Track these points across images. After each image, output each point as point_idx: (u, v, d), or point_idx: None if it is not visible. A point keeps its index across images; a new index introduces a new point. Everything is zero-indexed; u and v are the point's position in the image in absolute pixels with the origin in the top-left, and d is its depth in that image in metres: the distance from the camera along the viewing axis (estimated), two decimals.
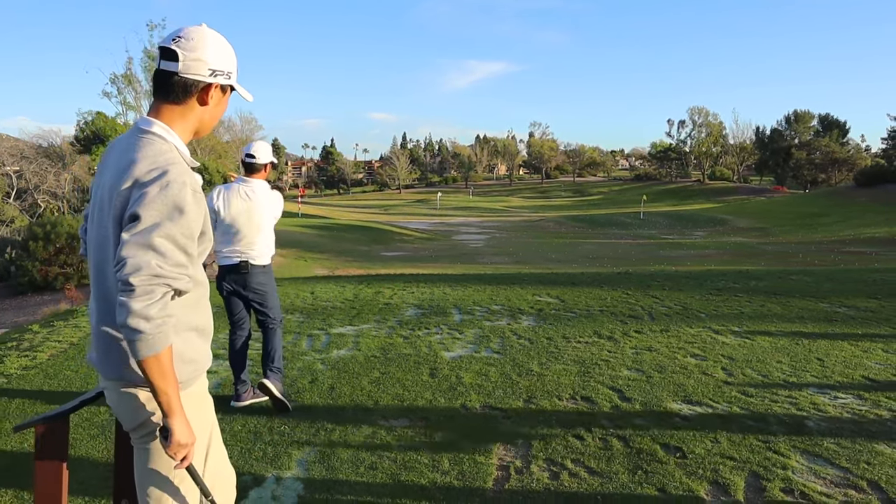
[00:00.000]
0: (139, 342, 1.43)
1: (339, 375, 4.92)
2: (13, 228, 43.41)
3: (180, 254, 1.52)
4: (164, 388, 1.50)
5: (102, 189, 1.65)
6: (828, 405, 4.18)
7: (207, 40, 1.67)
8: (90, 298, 1.78)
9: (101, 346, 1.65)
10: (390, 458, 3.47)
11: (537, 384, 4.63)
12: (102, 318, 1.65)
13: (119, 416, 1.73)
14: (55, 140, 59.44)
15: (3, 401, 4.56)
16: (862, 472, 3.24)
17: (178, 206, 1.52)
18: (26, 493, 3.12)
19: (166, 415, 1.54)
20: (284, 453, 3.55)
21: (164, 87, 1.67)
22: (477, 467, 3.34)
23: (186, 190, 1.54)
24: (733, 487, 3.10)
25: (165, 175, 1.53)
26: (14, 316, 20.76)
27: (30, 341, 6.49)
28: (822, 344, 5.70)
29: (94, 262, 1.67)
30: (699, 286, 8.85)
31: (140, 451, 1.70)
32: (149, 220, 1.49)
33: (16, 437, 3.89)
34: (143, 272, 1.44)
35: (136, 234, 1.47)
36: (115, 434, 2.05)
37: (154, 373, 1.47)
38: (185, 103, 1.68)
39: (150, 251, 1.47)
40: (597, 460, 3.40)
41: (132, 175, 1.55)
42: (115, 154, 1.68)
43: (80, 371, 5.30)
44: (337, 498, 3.07)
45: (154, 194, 1.50)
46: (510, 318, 6.91)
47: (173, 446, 1.56)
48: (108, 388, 1.69)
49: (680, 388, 4.51)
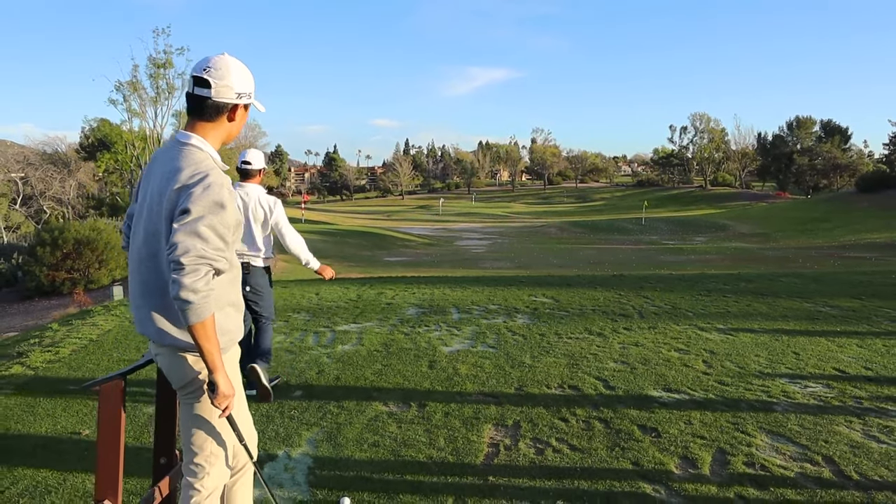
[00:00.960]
0: (189, 311, 1.79)
1: (344, 367, 5.26)
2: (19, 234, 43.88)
3: (219, 240, 1.88)
4: (209, 349, 1.86)
5: (152, 192, 2.01)
6: (797, 393, 4.51)
7: (232, 68, 2.04)
8: (131, 284, 2.13)
9: (155, 318, 2.01)
10: (391, 436, 3.81)
11: (528, 375, 4.97)
12: (154, 295, 2.00)
13: (170, 376, 2.08)
14: (60, 147, 59.99)
15: (33, 390, 4.92)
16: (819, 449, 3.57)
17: (218, 202, 1.89)
18: (47, 472, 3.47)
19: (212, 371, 1.89)
20: (295, 433, 3.89)
21: (198, 109, 2.04)
22: (470, 445, 3.68)
23: (224, 190, 1.90)
24: (701, 461, 3.43)
25: (206, 178, 1.89)
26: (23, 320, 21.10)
27: (51, 338, 6.85)
28: (801, 340, 6.02)
29: (146, 251, 2.02)
30: (690, 288, 9.18)
31: (186, 406, 2.07)
32: (195, 214, 1.85)
33: (47, 419, 4.24)
34: (191, 254, 1.80)
35: (185, 224, 1.84)
36: (157, 401, 2.40)
37: (201, 336, 1.83)
38: (217, 121, 2.06)
39: (197, 238, 1.83)
40: (579, 439, 3.74)
41: (179, 180, 1.91)
42: (160, 163, 2.04)
43: (101, 364, 5.65)
44: (343, 470, 3.41)
45: (199, 193, 1.86)
46: (506, 316, 7.25)
47: (219, 397, 1.92)
48: (160, 354, 2.05)
49: (661, 378, 4.85)
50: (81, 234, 24.92)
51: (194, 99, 2.03)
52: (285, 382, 4.89)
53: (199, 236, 1.84)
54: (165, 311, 1.99)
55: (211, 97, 2.01)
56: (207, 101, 2.01)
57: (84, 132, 56.70)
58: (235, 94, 2.04)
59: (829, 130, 77.53)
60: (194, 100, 2.03)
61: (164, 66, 39.34)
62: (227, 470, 2.18)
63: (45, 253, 24.02)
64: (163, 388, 2.37)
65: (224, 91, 2.02)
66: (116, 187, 55.41)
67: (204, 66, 2.02)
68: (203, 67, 2.01)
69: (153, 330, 2.02)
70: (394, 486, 3.21)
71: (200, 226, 1.85)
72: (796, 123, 79.22)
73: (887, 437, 3.75)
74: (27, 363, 5.76)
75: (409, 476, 3.33)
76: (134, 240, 2.12)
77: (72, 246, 24.66)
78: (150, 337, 2.05)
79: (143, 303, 2.04)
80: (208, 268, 1.84)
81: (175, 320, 1.99)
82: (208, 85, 2.00)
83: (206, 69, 2.01)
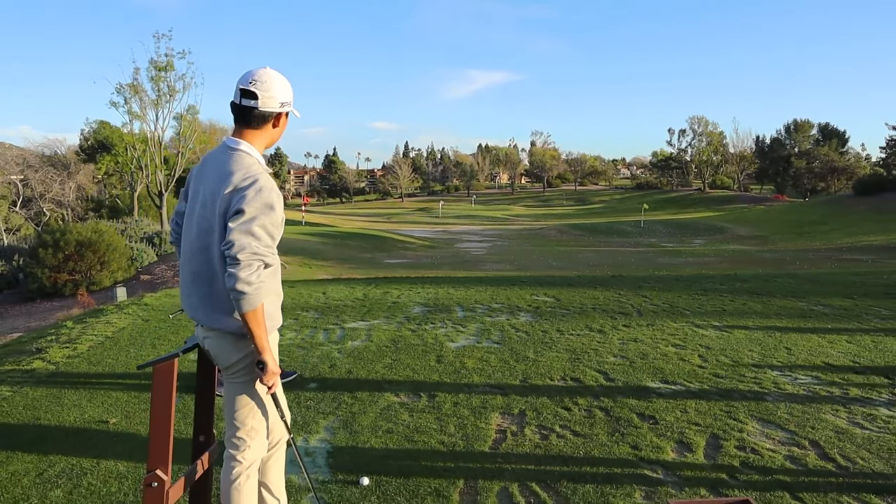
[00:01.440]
0: (244, 301, 2.03)
1: (356, 362, 5.49)
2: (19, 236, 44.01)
3: (269, 238, 2.12)
4: (259, 334, 2.09)
5: (204, 192, 2.24)
6: (787, 384, 4.74)
7: (275, 81, 2.27)
8: (182, 273, 2.36)
9: (205, 304, 2.23)
10: (404, 424, 4.04)
11: (532, 368, 5.20)
12: (204, 284, 2.23)
13: (217, 357, 2.31)
14: (60, 149, 60.07)
15: (56, 383, 5.14)
16: (806, 434, 3.81)
17: (269, 204, 2.12)
18: (80, 456, 3.69)
19: (261, 352, 2.13)
20: (313, 421, 4.12)
21: (245, 118, 2.26)
22: (478, 431, 3.91)
23: (273, 193, 2.14)
24: (695, 445, 3.66)
25: (258, 182, 2.12)
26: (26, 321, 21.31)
27: (67, 335, 7.07)
28: (793, 336, 6.26)
29: (198, 244, 2.24)
30: (687, 287, 9.41)
31: (230, 385, 2.30)
32: (249, 214, 2.08)
33: (74, 409, 4.46)
34: (245, 251, 2.03)
35: (240, 223, 2.06)
36: (197, 384, 2.62)
37: (252, 322, 2.06)
38: (262, 128, 2.28)
39: (250, 236, 2.06)
40: (581, 426, 3.97)
41: (232, 182, 2.14)
42: (211, 166, 2.27)
43: (119, 359, 5.87)
44: (360, 454, 3.63)
45: (251, 196, 2.09)
46: (509, 314, 7.48)
47: (267, 376, 2.16)
48: (208, 337, 2.28)
49: (658, 371, 5.08)
50: (83, 235, 25.13)
51: (241, 109, 2.25)
52: (300, 376, 5.11)
53: (252, 235, 2.06)
54: (213, 298, 2.22)
55: (258, 107, 2.23)
56: (254, 111, 2.23)
57: (84, 134, 56.86)
58: (279, 103, 2.27)
59: (826, 134, 77.95)
60: (241, 110, 2.25)
61: (166, 68, 39.65)
62: (265, 444, 2.41)
63: (47, 255, 24.20)
64: (203, 372, 2.59)
65: (269, 102, 2.24)
66: (116, 189, 55.58)
67: (249, 79, 2.23)
68: (249, 80, 2.23)
69: (202, 315, 2.25)
70: (408, 469, 3.43)
71: (254, 226, 2.07)
72: (794, 127, 79.64)
73: (870, 423, 3.98)
74: (47, 358, 5.98)
75: (423, 459, 3.55)
76: (186, 235, 2.34)
77: (73, 248, 24.86)
78: (199, 321, 2.28)
79: (194, 290, 2.27)
80: (260, 262, 2.07)
81: (222, 306, 2.21)
82: (255, 97, 2.22)
83: (252, 82, 2.22)
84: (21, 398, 4.78)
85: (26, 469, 3.55)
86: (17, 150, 68.85)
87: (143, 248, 28.57)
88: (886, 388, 4.67)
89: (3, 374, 5.51)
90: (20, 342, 7.75)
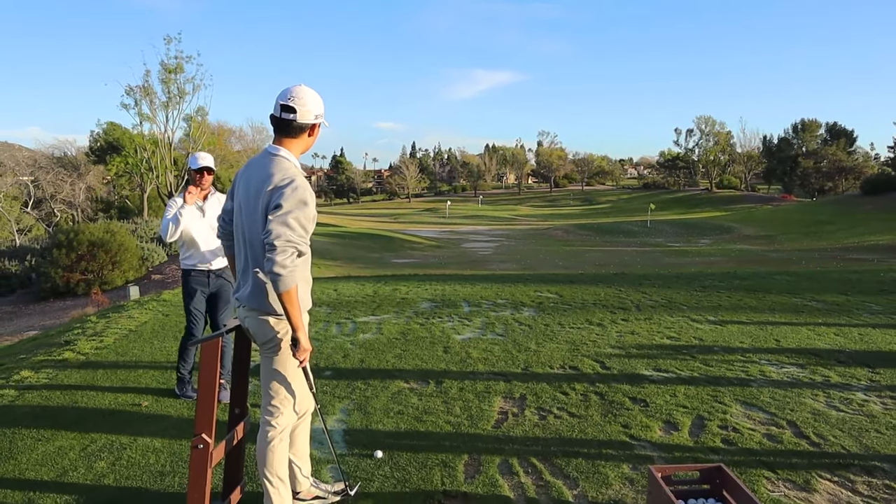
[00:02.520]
0: (279, 282, 2.37)
1: (367, 352, 5.84)
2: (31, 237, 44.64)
3: (302, 229, 2.46)
4: (293, 312, 2.44)
5: (248, 191, 2.59)
6: (772, 372, 5.06)
7: (310, 96, 2.62)
8: (237, 262, 2.72)
9: (251, 288, 2.58)
10: (413, 406, 4.38)
11: (533, 357, 5.54)
12: (250, 272, 2.58)
13: (256, 335, 2.66)
14: (70, 150, 60.74)
15: (88, 371, 5.51)
16: (785, 416, 4.12)
17: (303, 200, 2.46)
18: (118, 434, 4.05)
19: (295, 330, 2.48)
20: (329, 404, 4.47)
21: (285, 129, 2.61)
22: (482, 413, 4.25)
23: (306, 191, 2.48)
24: (681, 424, 3.99)
25: (294, 182, 2.47)
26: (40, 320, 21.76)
27: (93, 328, 7.45)
28: (784, 329, 6.56)
29: (247, 236, 2.59)
30: (686, 284, 9.72)
31: (265, 359, 2.66)
32: (286, 209, 2.42)
33: (108, 394, 4.83)
34: (281, 238, 2.37)
35: (277, 216, 2.41)
36: (234, 359, 2.97)
37: (287, 302, 2.41)
38: (299, 137, 2.64)
39: (286, 227, 2.40)
40: (577, 408, 4.30)
41: (272, 182, 2.49)
42: (255, 169, 2.62)
43: (144, 350, 6.24)
44: (374, 432, 3.97)
45: (289, 193, 2.44)
46: (513, 309, 7.82)
47: (300, 351, 2.50)
48: (249, 317, 2.63)
49: (652, 361, 5.41)
50: (96, 236, 25.59)
51: (281, 121, 2.60)
52: (315, 365, 5.46)
53: (287, 226, 2.41)
54: (256, 284, 2.57)
55: (296, 120, 2.58)
56: (293, 123, 2.58)
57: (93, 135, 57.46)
58: (314, 116, 2.63)
59: (834, 133, 77.76)
60: (281, 122, 2.60)
61: (176, 70, 40.19)
62: (295, 413, 2.77)
63: (61, 255, 24.69)
64: (239, 354, 2.94)
65: (306, 115, 2.59)
66: (125, 190, 56.20)
67: (287, 95, 2.58)
68: (287, 97, 2.58)
69: (246, 297, 2.60)
70: (418, 444, 3.77)
71: (289, 218, 2.42)
72: (801, 126, 79.47)
73: (846, 407, 4.29)
74: (77, 350, 6.35)
75: (431, 436, 3.89)
76: (237, 229, 2.71)
77: (86, 248, 25.32)
78: (242, 303, 2.63)
79: (243, 278, 2.64)
80: (294, 249, 2.41)
81: (261, 290, 2.56)
82: (293, 111, 2.57)
83: (290, 98, 2.58)
84: (58, 384, 5.15)
85: (71, 445, 3.91)
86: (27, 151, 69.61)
87: (153, 248, 29.06)
88: (866, 375, 4.98)
89: (38, 364, 5.89)
90: (48, 335, 8.15)
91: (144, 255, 27.85)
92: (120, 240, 26.31)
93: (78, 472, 3.54)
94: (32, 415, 4.46)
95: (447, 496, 3.14)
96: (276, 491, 2.69)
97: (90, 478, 3.46)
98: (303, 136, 2.65)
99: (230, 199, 2.81)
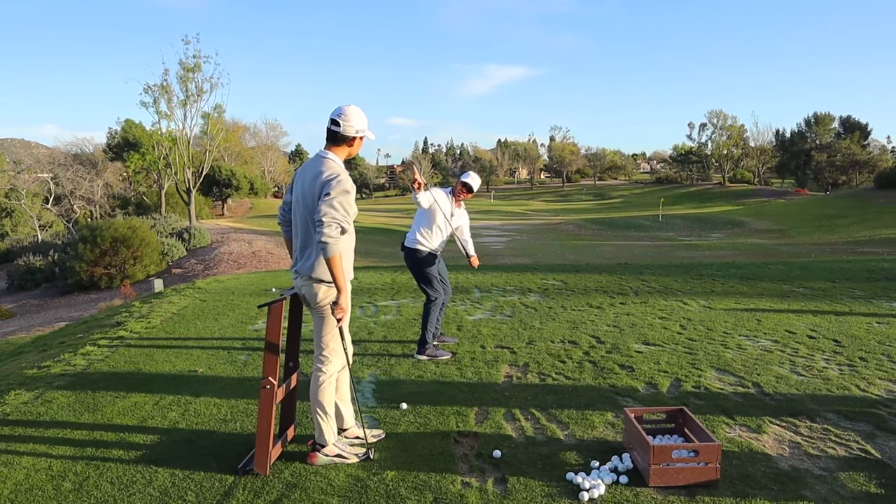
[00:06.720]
0: (327, 249, 3.08)
1: (389, 331, 6.55)
2: (52, 232, 45.81)
3: (344, 211, 3.16)
4: (338, 275, 3.14)
5: (304, 185, 3.29)
6: (748, 345, 5.72)
7: (354, 114, 3.33)
8: (295, 242, 3.43)
9: (308, 261, 3.30)
10: (431, 372, 5.09)
11: (537, 334, 6.23)
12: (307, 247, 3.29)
13: (308, 298, 3.37)
14: (87, 147, 61.86)
15: (144, 345, 6.28)
16: (752, 379, 4.79)
17: (346, 190, 3.17)
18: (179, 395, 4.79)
19: (339, 291, 3.18)
20: (358, 371, 5.19)
21: (331, 138, 3.34)
22: (491, 375, 4.95)
23: (349, 183, 3.20)
24: (661, 385, 4.67)
25: (339, 176, 3.18)
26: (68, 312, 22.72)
27: (139, 312, 8.23)
28: (767, 312, 7.19)
29: (304, 220, 3.30)
30: (685, 273, 10.35)
31: (317, 318, 3.38)
32: (333, 195, 3.13)
33: (166, 363, 5.57)
34: (328, 215, 3.09)
35: (326, 200, 3.12)
36: (288, 324, 3.69)
37: (334, 266, 3.12)
38: (342, 146, 3.35)
39: (332, 208, 3.11)
40: (572, 372, 4.99)
41: (323, 177, 3.20)
42: (309, 168, 3.33)
43: (189, 329, 6.99)
44: (398, 391, 4.68)
45: (335, 184, 3.15)
46: (520, 294, 8.51)
47: (339, 310, 3.21)
48: (305, 285, 3.35)
49: (643, 336, 6.08)
50: (119, 232, 26.56)
51: (329, 131, 3.33)
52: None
53: (333, 207, 3.12)
54: (311, 258, 3.29)
55: (340, 132, 3.29)
56: (337, 134, 3.30)
57: (111, 133, 58.53)
58: (355, 130, 3.34)
59: (848, 127, 77.49)
60: (329, 132, 3.33)
61: (194, 69, 41.20)
62: (342, 362, 3.48)
63: (85, 250, 25.68)
64: (293, 316, 3.66)
65: (348, 129, 3.31)
66: (143, 186, 57.34)
67: (338, 112, 3.32)
68: (337, 114, 3.31)
69: (303, 268, 3.32)
70: (436, 399, 4.48)
71: (335, 202, 3.13)
72: (815, 120, 79.27)
73: (807, 372, 4.94)
74: (129, 329, 7.13)
75: (447, 394, 4.60)
76: (294, 215, 3.43)
77: (109, 243, 26.32)
78: (301, 273, 3.34)
79: (300, 254, 3.35)
80: (338, 225, 3.12)
81: (314, 262, 3.27)
82: (339, 125, 3.30)
83: (339, 115, 3.31)
84: (120, 356, 5.92)
85: (144, 401, 4.66)
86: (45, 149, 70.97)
87: (172, 243, 30.01)
88: (831, 348, 5.62)
89: (97, 340, 6.66)
90: (96, 319, 8.95)
91: (164, 250, 28.80)
92: (142, 235, 27.27)
93: (155, 419, 4.28)
94: (104, 380, 5.21)
95: (461, 435, 3.85)
96: (325, 422, 3.42)
97: (166, 423, 4.20)
98: (345, 146, 3.37)
99: (288, 193, 3.54)
